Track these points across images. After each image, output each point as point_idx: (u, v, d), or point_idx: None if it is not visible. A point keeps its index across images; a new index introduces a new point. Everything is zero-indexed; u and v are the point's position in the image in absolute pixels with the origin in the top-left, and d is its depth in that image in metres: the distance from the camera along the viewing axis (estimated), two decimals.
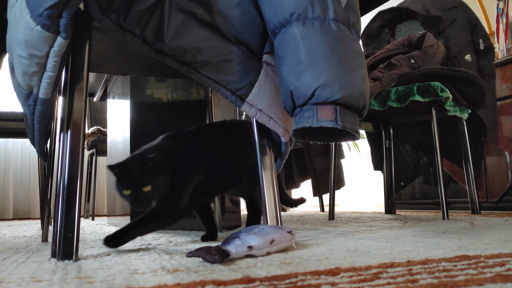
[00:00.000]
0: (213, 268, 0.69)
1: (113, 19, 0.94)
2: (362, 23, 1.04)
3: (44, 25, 0.82)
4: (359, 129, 0.95)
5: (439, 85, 1.76)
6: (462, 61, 2.17)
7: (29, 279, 0.63)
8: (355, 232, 1.30)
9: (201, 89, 1.66)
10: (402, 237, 1.10)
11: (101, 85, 2.06)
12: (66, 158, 0.88)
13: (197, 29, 0.97)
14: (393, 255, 0.78)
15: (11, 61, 0.99)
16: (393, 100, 1.84)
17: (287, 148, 1.15)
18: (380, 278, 0.58)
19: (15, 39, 0.91)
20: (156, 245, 1.06)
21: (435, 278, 0.57)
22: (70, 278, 0.63)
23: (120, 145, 1.86)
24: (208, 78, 0.99)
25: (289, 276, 0.60)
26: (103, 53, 1.25)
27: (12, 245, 1.18)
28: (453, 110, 1.87)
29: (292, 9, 0.92)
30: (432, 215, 2.17)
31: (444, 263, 0.68)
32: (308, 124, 0.90)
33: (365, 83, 0.94)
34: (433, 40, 1.96)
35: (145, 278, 0.62)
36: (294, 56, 0.92)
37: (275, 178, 1.10)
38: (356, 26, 0.96)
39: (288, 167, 3.42)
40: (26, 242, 1.27)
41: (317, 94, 0.89)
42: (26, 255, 0.93)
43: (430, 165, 2.50)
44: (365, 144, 3.14)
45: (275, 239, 0.84)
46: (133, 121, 1.70)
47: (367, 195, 4.20)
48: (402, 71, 1.85)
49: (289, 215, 2.55)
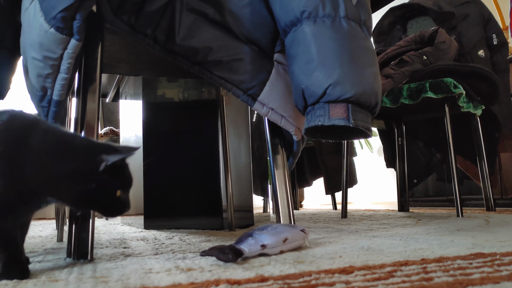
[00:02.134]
0: (226, 267, 0.69)
1: (125, 20, 0.95)
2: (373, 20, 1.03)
3: (58, 28, 0.84)
4: (371, 127, 0.94)
5: (452, 81, 1.74)
6: (475, 56, 2.15)
7: (46, 279, 0.64)
8: (368, 230, 1.30)
9: (212, 88, 1.67)
10: (416, 235, 1.09)
11: (113, 86, 2.08)
12: None
13: (208, 29, 0.98)
14: (407, 253, 0.78)
15: (25, 63, 1.00)
16: (405, 97, 1.83)
17: (299, 146, 1.14)
18: (395, 276, 0.58)
19: (29, 41, 0.92)
20: (170, 244, 1.07)
21: (450, 276, 0.56)
22: (85, 278, 0.64)
23: (133, 145, 1.88)
24: (219, 77, 0.99)
25: (302, 275, 0.60)
26: (115, 54, 1.26)
27: (28, 245, 1.19)
28: (466, 106, 1.85)
29: (302, 8, 0.92)
30: (446, 212, 2.15)
31: (459, 261, 0.67)
32: (320, 122, 0.89)
33: (377, 81, 0.94)
34: (446, 36, 1.95)
35: (160, 277, 0.63)
36: (305, 55, 0.92)
37: (288, 177, 1.10)
38: (367, 24, 0.96)
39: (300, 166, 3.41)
40: (42, 242, 1.29)
41: (328, 93, 0.89)
42: (42, 255, 0.94)
43: (444, 162, 2.48)
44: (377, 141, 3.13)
45: (288, 237, 0.84)
46: (145, 121, 1.71)
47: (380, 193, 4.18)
48: (414, 67, 1.84)
49: (302, 214, 2.55)
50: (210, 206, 1.61)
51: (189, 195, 1.63)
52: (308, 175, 3.44)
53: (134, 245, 1.07)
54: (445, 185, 2.75)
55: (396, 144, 2.33)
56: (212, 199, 1.60)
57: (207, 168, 1.61)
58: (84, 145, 0.70)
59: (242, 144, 1.73)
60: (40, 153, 0.67)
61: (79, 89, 0.94)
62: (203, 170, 1.63)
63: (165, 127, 1.72)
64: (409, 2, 2.35)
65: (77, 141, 0.71)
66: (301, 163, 3.40)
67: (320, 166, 3.15)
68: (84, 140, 0.73)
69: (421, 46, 1.98)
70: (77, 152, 0.68)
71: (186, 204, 1.63)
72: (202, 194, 1.62)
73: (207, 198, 1.62)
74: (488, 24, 2.21)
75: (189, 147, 1.66)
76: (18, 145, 0.66)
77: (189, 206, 1.63)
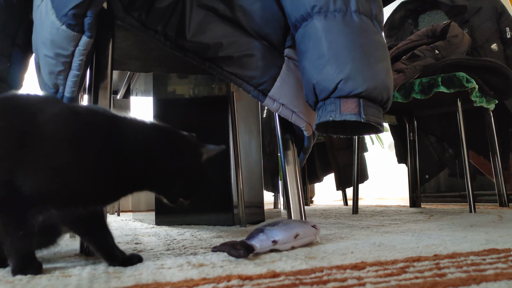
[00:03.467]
0: (238, 262, 0.69)
1: (135, 16, 0.95)
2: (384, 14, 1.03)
3: (69, 25, 0.84)
4: (382, 122, 0.94)
5: (465, 75, 1.72)
6: (488, 50, 2.12)
7: (59, 274, 0.64)
8: (379, 226, 1.29)
9: (223, 84, 1.67)
10: (428, 231, 1.08)
11: (124, 82, 2.09)
12: None
13: (219, 25, 0.98)
14: (419, 249, 0.77)
15: (37, 61, 1.01)
16: (417, 92, 1.81)
17: (310, 142, 1.14)
18: (407, 272, 0.57)
19: (41, 39, 0.93)
20: (181, 240, 1.07)
21: (463, 272, 0.56)
22: (98, 273, 0.64)
23: None
24: (230, 73, 0.99)
25: (314, 271, 0.60)
26: (126, 51, 1.27)
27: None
28: (479, 101, 1.83)
29: (313, 2, 0.92)
30: (458, 208, 2.13)
31: (472, 257, 0.67)
32: (331, 118, 0.89)
33: (389, 75, 0.93)
34: (458, 30, 1.92)
35: (172, 273, 0.63)
36: (316, 50, 0.91)
37: (299, 173, 1.10)
38: (379, 18, 0.95)
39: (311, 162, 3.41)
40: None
41: (340, 88, 0.88)
42: (55, 251, 0.95)
43: (456, 158, 2.46)
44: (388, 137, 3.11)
45: (299, 233, 0.84)
46: (156, 117, 1.71)
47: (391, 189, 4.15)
48: (426, 62, 1.82)
49: (313, 209, 2.54)
50: (221, 202, 1.62)
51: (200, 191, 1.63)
52: (319, 170, 3.43)
53: (146, 241, 1.08)
54: (458, 180, 2.72)
55: (408, 139, 2.31)
56: (223, 195, 1.61)
57: (218, 164, 1.61)
58: (187, 141, 0.75)
59: (253, 140, 1.73)
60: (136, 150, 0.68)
61: (91, 86, 0.94)
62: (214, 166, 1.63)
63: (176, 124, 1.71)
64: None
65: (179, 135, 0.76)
66: (311, 159, 3.39)
67: (331, 162, 3.14)
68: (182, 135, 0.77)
69: (433, 40, 1.96)
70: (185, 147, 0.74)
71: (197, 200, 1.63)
72: (213, 190, 1.63)
73: (218, 194, 1.62)
74: (501, 18, 2.18)
75: None
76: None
77: (200, 202, 1.64)
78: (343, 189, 3.24)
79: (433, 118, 2.42)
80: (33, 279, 0.61)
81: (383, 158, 4.20)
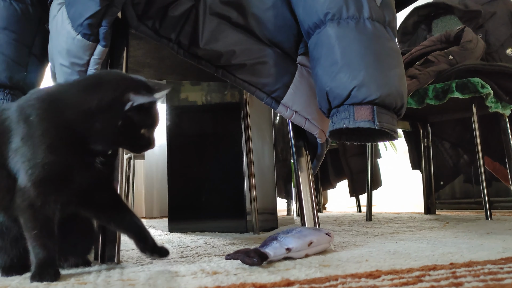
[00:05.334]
0: (251, 270, 0.69)
1: (149, 25, 0.96)
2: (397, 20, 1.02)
3: (85, 34, 0.85)
4: (397, 129, 0.93)
5: (479, 81, 1.71)
6: (503, 55, 2.10)
7: (74, 281, 0.65)
8: (394, 233, 1.28)
9: (235, 91, 1.67)
10: (444, 238, 1.07)
11: None
12: None
13: (232, 33, 0.98)
14: (435, 257, 0.76)
15: (53, 69, 1.02)
16: (431, 98, 1.80)
17: (323, 149, 1.14)
18: (423, 281, 0.57)
19: (57, 48, 0.94)
20: (195, 247, 1.08)
21: (480, 281, 0.55)
22: (113, 281, 0.65)
23: (157, 148, 1.90)
24: (243, 81, 0.99)
25: (328, 279, 0.59)
26: (140, 59, 1.28)
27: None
28: (494, 106, 1.81)
29: (326, 10, 0.92)
30: (474, 215, 2.10)
31: (489, 265, 0.66)
32: (345, 125, 0.89)
33: (403, 82, 0.93)
34: (472, 35, 1.91)
35: (186, 280, 0.63)
36: (329, 57, 0.91)
37: (312, 180, 1.09)
38: (392, 24, 0.95)
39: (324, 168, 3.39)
40: None
41: (353, 95, 0.88)
42: None
43: (471, 164, 2.43)
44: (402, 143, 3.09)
45: (313, 241, 0.83)
46: (169, 124, 1.72)
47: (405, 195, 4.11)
48: (440, 67, 1.81)
49: (326, 216, 2.53)
50: (234, 208, 1.62)
51: (213, 198, 1.64)
52: (332, 177, 3.41)
53: None
54: (473, 186, 2.69)
55: (422, 145, 2.29)
56: (236, 201, 1.61)
57: (231, 171, 1.62)
58: (113, 82, 0.71)
59: (266, 147, 1.73)
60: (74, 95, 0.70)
61: None
62: (227, 172, 1.63)
63: (189, 130, 1.73)
64: (434, 1, 2.31)
65: (108, 77, 0.73)
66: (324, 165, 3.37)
67: (344, 168, 3.12)
68: (115, 76, 0.74)
69: (447, 45, 1.94)
70: (106, 88, 0.70)
71: (210, 207, 1.64)
72: (226, 196, 1.63)
73: (231, 200, 1.62)
74: None
75: (213, 150, 1.67)
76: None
77: (213, 209, 1.64)
78: (356, 196, 3.22)
79: (448, 124, 2.40)
80: (48, 286, 0.61)
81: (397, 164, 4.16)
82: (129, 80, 0.72)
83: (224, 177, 1.64)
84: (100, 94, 0.69)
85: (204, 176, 1.66)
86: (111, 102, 0.68)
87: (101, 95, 0.69)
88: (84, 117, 0.68)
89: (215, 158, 1.66)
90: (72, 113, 0.68)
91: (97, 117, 0.68)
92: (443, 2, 2.23)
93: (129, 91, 0.69)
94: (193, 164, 1.68)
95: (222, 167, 1.65)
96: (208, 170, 1.66)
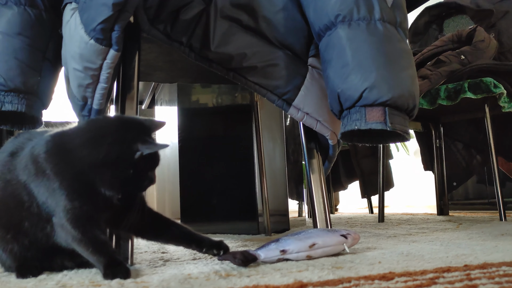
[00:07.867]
0: (264, 272, 0.69)
1: (161, 29, 0.97)
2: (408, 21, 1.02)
3: (98, 39, 0.86)
4: (409, 130, 0.93)
5: (492, 80, 1.69)
6: None
7: (89, 283, 0.66)
8: (407, 234, 1.27)
9: (246, 93, 1.68)
10: (457, 240, 1.06)
11: (149, 92, 2.12)
12: None
13: (242, 36, 0.99)
14: (449, 259, 0.76)
15: (67, 74, 1.03)
16: (443, 98, 1.78)
17: (334, 151, 1.14)
18: (437, 283, 0.56)
19: (70, 53, 0.95)
20: None
21: (496, 283, 0.55)
22: (127, 283, 0.65)
23: (168, 150, 1.91)
24: (254, 83, 1.00)
25: (341, 281, 0.59)
26: (151, 62, 1.29)
27: (70, 250, 1.23)
28: (507, 106, 1.79)
29: (337, 11, 0.92)
30: (487, 216, 2.08)
31: (504, 267, 0.65)
32: (357, 126, 0.88)
33: (414, 83, 0.92)
34: (484, 34, 1.89)
35: (199, 282, 0.63)
36: (340, 59, 0.91)
37: (324, 181, 1.09)
38: (403, 25, 0.94)
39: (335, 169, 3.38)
40: None
41: (365, 96, 0.88)
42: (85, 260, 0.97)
43: (484, 164, 2.40)
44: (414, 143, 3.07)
45: (316, 242, 0.82)
46: (180, 127, 1.73)
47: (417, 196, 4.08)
48: (451, 68, 1.80)
49: (337, 218, 2.52)
50: (246, 210, 1.62)
51: (225, 199, 1.64)
52: (343, 178, 3.40)
53: (172, 250, 1.09)
54: (486, 187, 2.66)
55: (434, 146, 2.27)
56: (248, 203, 1.61)
57: (242, 173, 1.62)
58: (117, 133, 0.73)
59: (277, 148, 1.73)
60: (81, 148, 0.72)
61: (118, 97, 0.96)
62: (238, 174, 1.64)
63: (200, 133, 1.74)
64: (445, 1, 2.30)
65: (110, 128, 0.75)
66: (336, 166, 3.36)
67: (356, 170, 3.11)
68: (116, 125, 0.76)
69: (459, 45, 1.93)
70: (111, 140, 0.72)
71: (222, 208, 1.64)
72: (237, 198, 1.63)
73: (243, 202, 1.62)
74: None
75: (224, 152, 1.68)
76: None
77: (225, 210, 1.64)
78: (368, 197, 3.20)
79: (460, 124, 2.38)
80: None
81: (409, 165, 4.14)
82: (131, 129, 0.75)
83: (235, 178, 1.64)
84: (106, 147, 0.71)
85: (216, 178, 1.66)
86: (119, 154, 0.71)
87: (108, 148, 0.71)
88: (94, 169, 0.71)
89: (226, 160, 1.66)
90: (82, 166, 0.71)
91: (106, 168, 0.71)
92: (454, 1, 2.22)
93: (136, 142, 0.71)
94: (205, 166, 1.69)
95: (233, 169, 1.66)
96: (220, 172, 1.66)
